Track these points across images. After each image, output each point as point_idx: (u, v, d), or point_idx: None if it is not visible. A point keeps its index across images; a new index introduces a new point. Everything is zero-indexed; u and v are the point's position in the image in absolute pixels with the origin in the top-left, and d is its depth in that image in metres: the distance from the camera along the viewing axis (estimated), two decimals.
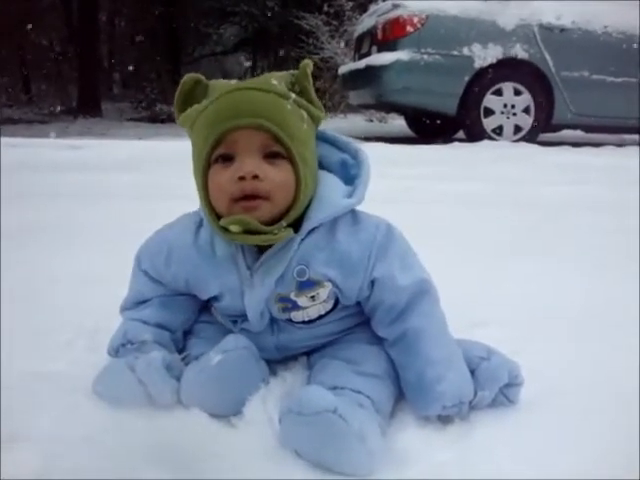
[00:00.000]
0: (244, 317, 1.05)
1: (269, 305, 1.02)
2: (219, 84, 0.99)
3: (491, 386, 0.98)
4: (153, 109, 12.58)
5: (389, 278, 1.01)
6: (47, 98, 16.20)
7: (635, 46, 5.94)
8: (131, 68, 17.13)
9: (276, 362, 1.10)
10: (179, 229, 1.09)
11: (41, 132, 8.17)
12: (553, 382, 1.09)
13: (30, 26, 14.63)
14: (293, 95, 0.96)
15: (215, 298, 1.07)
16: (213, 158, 0.95)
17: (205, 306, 1.15)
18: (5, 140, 5.62)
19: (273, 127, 0.92)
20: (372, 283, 1.02)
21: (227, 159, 0.94)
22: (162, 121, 11.59)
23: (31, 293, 1.52)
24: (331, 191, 1.01)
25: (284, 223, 0.95)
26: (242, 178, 0.92)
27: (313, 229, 0.99)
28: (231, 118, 0.92)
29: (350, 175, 1.05)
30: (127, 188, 3.17)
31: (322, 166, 1.04)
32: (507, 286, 1.65)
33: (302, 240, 0.98)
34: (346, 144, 1.09)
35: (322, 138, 1.07)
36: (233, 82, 0.99)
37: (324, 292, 1.02)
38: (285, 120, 0.94)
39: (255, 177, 0.92)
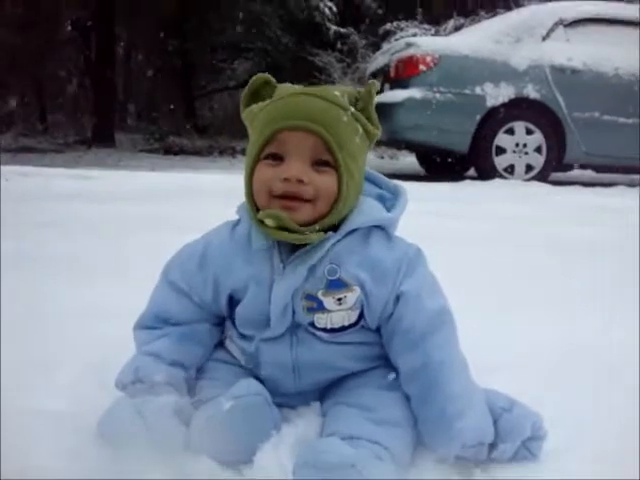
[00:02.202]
0: (263, 325, 1.02)
1: (295, 302, 1.00)
2: (285, 87, 1.03)
3: (513, 439, 0.95)
4: (166, 141, 12.70)
5: (415, 296, 1.00)
6: (62, 128, 16.44)
7: None
8: (145, 101, 17.38)
9: (289, 408, 1.06)
10: (214, 233, 1.11)
11: (54, 162, 8.24)
12: (574, 432, 1.05)
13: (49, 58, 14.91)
14: (352, 108, 1.00)
15: (237, 298, 1.05)
16: (263, 155, 0.98)
17: (220, 343, 1.13)
18: (18, 169, 5.67)
19: (324, 133, 0.95)
20: (397, 299, 1.00)
21: (276, 158, 0.97)
22: (175, 153, 11.69)
23: (37, 325, 1.49)
24: (371, 207, 1.05)
25: (317, 227, 0.97)
26: (287, 180, 0.94)
27: (349, 233, 1.01)
28: (285, 119, 0.96)
29: (386, 206, 1.08)
30: (139, 220, 3.17)
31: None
32: (518, 330, 1.61)
33: (337, 241, 1.00)
34: (386, 182, 1.13)
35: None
36: (299, 86, 1.03)
37: (352, 297, 1.00)
38: (338, 129, 0.97)
39: (300, 181, 0.94)
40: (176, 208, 3.65)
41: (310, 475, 0.81)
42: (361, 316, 1.03)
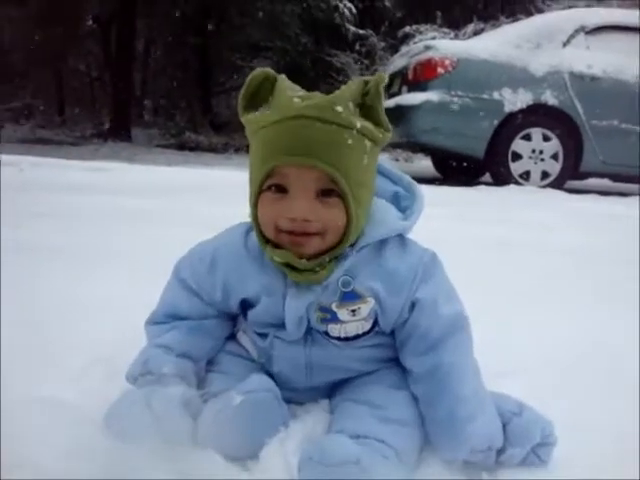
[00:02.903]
0: (277, 326, 1.02)
1: (309, 312, 0.99)
2: (284, 94, 0.94)
3: (522, 444, 0.94)
4: (182, 137, 12.75)
5: (431, 302, 0.99)
6: (79, 121, 16.56)
7: None
8: (163, 96, 17.45)
9: (297, 404, 1.06)
10: (227, 236, 1.08)
11: (70, 154, 8.30)
12: (586, 439, 1.04)
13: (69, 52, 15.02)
14: (358, 125, 0.92)
15: (250, 303, 1.04)
16: (266, 185, 0.94)
17: (231, 335, 1.12)
18: (33, 159, 5.72)
19: (328, 169, 0.89)
20: (413, 305, 0.99)
21: (280, 189, 0.93)
22: (191, 149, 11.74)
23: (48, 316, 1.49)
24: (386, 213, 1.02)
25: (327, 258, 0.94)
26: (293, 219, 0.91)
27: (363, 246, 0.98)
28: (285, 154, 0.90)
29: (402, 206, 1.05)
30: (153, 213, 3.18)
31: (375, 196, 1.03)
32: (530, 335, 1.60)
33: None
34: (400, 177, 1.09)
35: (377, 170, 1.05)
36: (298, 94, 0.94)
37: (365, 308, 0.99)
38: (343, 158, 0.90)
39: (306, 220, 0.91)
40: (190, 204, 3.65)
41: (315, 471, 0.81)
42: (375, 323, 1.02)
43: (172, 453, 0.89)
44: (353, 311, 0.99)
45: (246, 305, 1.06)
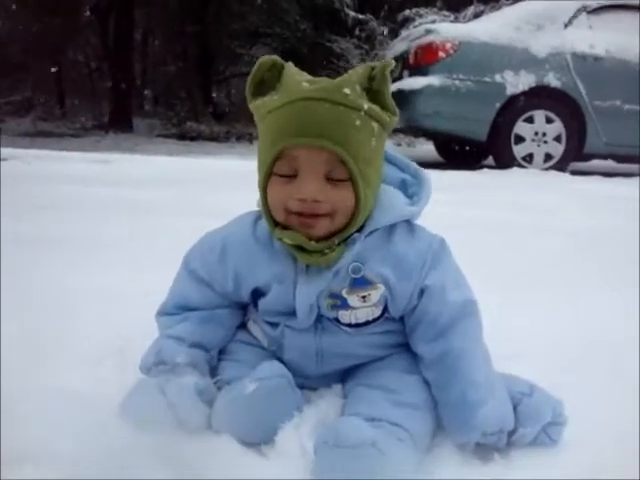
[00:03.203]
0: (288, 314, 1.03)
1: (319, 299, 1.00)
2: (292, 79, 0.95)
3: (533, 424, 0.95)
4: (183, 126, 12.72)
5: (440, 289, 1.00)
6: (80, 112, 16.52)
7: None
8: (163, 86, 17.41)
9: (310, 389, 1.07)
10: (236, 225, 1.09)
11: (72, 146, 8.30)
12: (595, 421, 1.05)
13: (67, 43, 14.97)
14: (365, 106, 0.93)
15: (261, 292, 1.05)
16: (275, 170, 0.94)
17: (242, 324, 1.13)
18: (38, 152, 5.73)
19: (337, 149, 0.90)
20: (422, 292, 1.00)
21: (289, 173, 0.93)
22: (192, 138, 11.71)
23: (58, 307, 1.51)
24: (394, 199, 1.02)
25: (336, 241, 0.95)
26: (302, 200, 0.91)
27: (372, 231, 0.99)
28: (294, 135, 0.91)
29: (409, 193, 1.06)
30: (157, 204, 3.19)
31: (383, 183, 1.04)
32: (535, 316, 1.60)
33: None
34: (407, 164, 1.09)
35: (384, 157, 1.05)
36: (306, 79, 0.95)
37: (376, 294, 1.00)
38: (351, 139, 0.91)
39: (315, 201, 0.91)
40: (193, 193, 3.66)
41: (331, 454, 0.82)
42: (385, 310, 1.03)
43: (188, 439, 0.90)
44: (363, 297, 1.00)
45: (257, 294, 1.06)
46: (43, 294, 1.59)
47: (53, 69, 16.38)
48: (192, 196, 3.53)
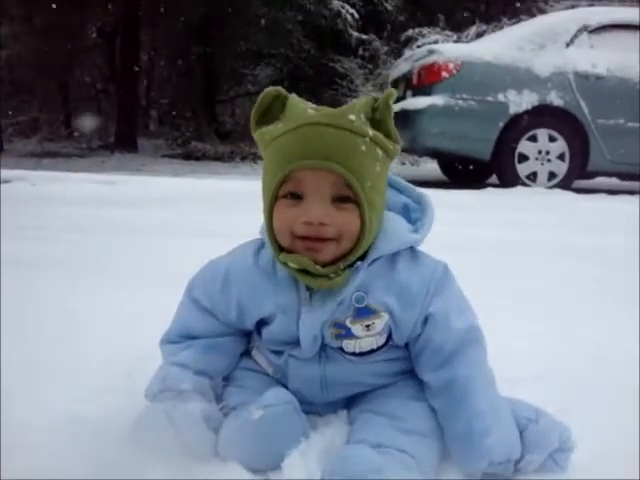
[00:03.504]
0: (292, 344, 1.02)
1: (323, 329, 1.00)
2: (296, 108, 0.97)
3: (540, 451, 0.94)
4: (188, 146, 12.79)
5: (444, 316, 0.99)
6: (86, 133, 16.63)
7: None
8: (168, 106, 17.54)
9: (316, 415, 1.07)
10: (238, 254, 1.08)
11: (78, 166, 8.35)
12: (602, 445, 1.04)
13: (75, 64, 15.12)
14: (370, 133, 0.94)
15: (265, 322, 1.05)
16: (281, 193, 0.95)
17: (246, 351, 1.13)
18: (42, 174, 5.76)
19: (344, 171, 0.91)
20: (426, 320, 1.00)
21: (295, 196, 0.94)
22: (197, 158, 11.78)
23: (64, 329, 1.51)
24: (397, 226, 1.02)
25: (342, 265, 0.95)
26: (308, 223, 0.91)
27: (375, 259, 0.99)
28: (301, 158, 0.91)
29: (412, 218, 1.06)
30: (162, 225, 3.20)
31: (386, 208, 1.04)
32: (543, 338, 1.60)
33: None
34: (409, 189, 1.10)
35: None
36: (311, 107, 0.97)
37: (380, 323, 1.00)
38: (357, 163, 0.92)
39: (322, 224, 0.91)
40: (198, 213, 3.68)
41: None
42: (389, 338, 1.03)
43: (195, 466, 0.90)
44: (367, 326, 1.00)
45: (261, 323, 1.06)
46: (46, 317, 1.59)
47: (59, 90, 16.49)
48: (197, 216, 3.54)
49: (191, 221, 3.38)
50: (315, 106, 0.98)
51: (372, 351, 1.03)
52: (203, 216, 3.56)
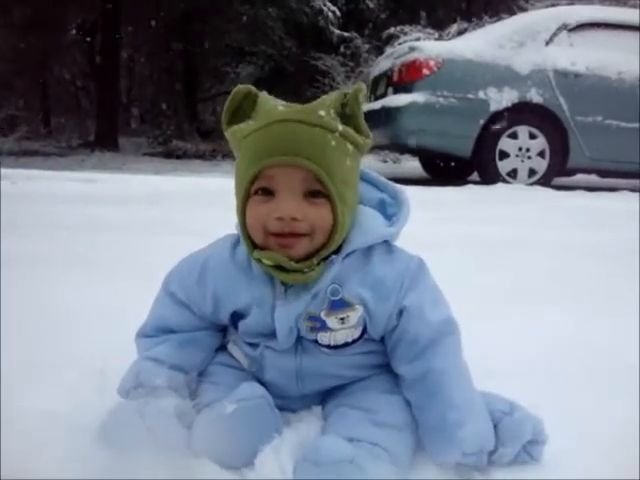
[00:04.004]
0: (268, 336, 1.03)
1: (298, 322, 1.00)
2: (267, 105, 0.97)
3: (513, 443, 0.95)
4: (169, 144, 12.74)
5: (418, 309, 1.00)
6: (65, 131, 16.48)
7: None
8: (149, 104, 17.44)
9: (290, 411, 1.06)
10: (215, 248, 1.09)
11: (58, 165, 8.27)
12: (575, 437, 1.05)
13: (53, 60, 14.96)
14: (340, 128, 0.95)
15: (240, 315, 1.05)
16: (253, 189, 0.95)
17: (221, 346, 1.12)
18: (21, 172, 5.70)
19: (314, 167, 0.91)
20: (400, 312, 1.00)
21: (267, 192, 0.94)
22: (178, 156, 11.72)
23: (39, 327, 1.49)
24: (372, 220, 1.03)
25: (315, 261, 0.95)
26: (281, 219, 0.92)
27: (349, 253, 0.99)
28: (272, 154, 0.92)
29: (388, 213, 1.06)
30: (142, 223, 3.18)
31: (361, 203, 1.05)
32: (521, 333, 1.61)
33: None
34: (385, 184, 1.10)
35: (362, 177, 1.07)
36: (281, 104, 0.97)
37: (354, 316, 1.00)
38: (327, 158, 0.93)
39: (294, 219, 0.92)
40: (179, 211, 3.66)
41: (310, 472, 0.82)
42: (364, 331, 1.03)
43: (167, 463, 0.90)
44: (342, 319, 1.00)
45: (236, 316, 1.06)
46: (26, 313, 1.58)
47: (38, 87, 16.32)
48: (178, 214, 3.53)
49: (173, 219, 3.36)
50: (286, 103, 0.99)
51: (347, 344, 1.03)
52: (185, 214, 3.54)
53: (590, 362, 1.42)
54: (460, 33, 11.33)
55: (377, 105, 6.41)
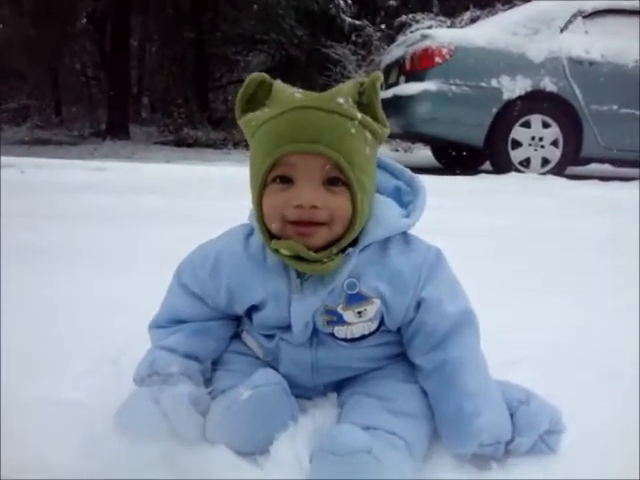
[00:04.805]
0: (283, 329, 1.02)
1: (314, 316, 0.99)
2: (283, 92, 0.95)
3: (530, 432, 0.94)
4: (180, 133, 12.74)
5: (436, 301, 0.99)
6: (77, 120, 16.53)
7: None
8: (160, 93, 17.44)
9: (306, 399, 1.06)
10: (227, 240, 1.07)
11: (69, 154, 8.29)
12: (592, 427, 1.04)
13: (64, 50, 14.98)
14: (359, 116, 0.93)
15: (256, 307, 1.04)
16: (271, 177, 0.93)
17: (235, 334, 1.12)
18: (33, 161, 5.72)
19: (334, 154, 0.89)
20: (418, 305, 0.99)
21: (285, 180, 0.92)
22: (189, 145, 11.73)
23: (53, 316, 1.50)
24: (388, 210, 1.01)
25: (334, 250, 0.94)
26: (300, 206, 0.90)
27: (366, 245, 0.97)
28: (291, 142, 0.90)
29: (404, 201, 1.04)
30: (153, 212, 3.18)
31: (377, 191, 1.03)
32: (536, 323, 1.60)
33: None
34: (401, 171, 1.09)
35: (378, 164, 1.05)
36: (298, 91, 0.95)
37: (371, 309, 0.99)
38: (347, 146, 0.91)
39: (313, 207, 0.90)
40: (190, 200, 3.66)
41: (327, 461, 0.81)
42: (381, 323, 1.02)
43: (182, 450, 0.89)
44: (359, 312, 0.99)
45: (251, 309, 1.05)
46: (38, 303, 1.58)
47: (49, 77, 16.36)
48: (189, 203, 3.52)
49: (183, 208, 3.36)
50: (302, 90, 0.96)
51: (364, 337, 1.02)
52: (195, 202, 3.54)
53: (602, 354, 1.40)
54: (473, 21, 11.22)
55: (389, 94, 6.36)
